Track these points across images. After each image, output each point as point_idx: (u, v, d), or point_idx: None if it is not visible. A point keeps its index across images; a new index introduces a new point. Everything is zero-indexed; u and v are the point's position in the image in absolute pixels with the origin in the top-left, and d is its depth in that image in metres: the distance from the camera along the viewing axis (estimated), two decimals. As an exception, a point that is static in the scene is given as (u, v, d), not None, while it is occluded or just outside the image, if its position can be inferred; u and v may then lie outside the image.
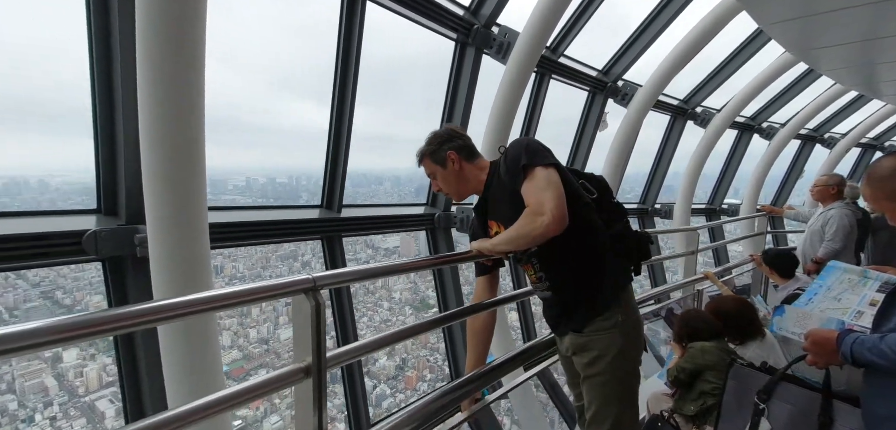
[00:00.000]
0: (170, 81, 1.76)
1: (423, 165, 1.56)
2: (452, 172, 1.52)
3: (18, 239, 2.00)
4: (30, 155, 3.35)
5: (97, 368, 3.73)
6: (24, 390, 3.43)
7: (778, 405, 1.57)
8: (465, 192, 1.57)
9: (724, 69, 6.18)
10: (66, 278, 3.70)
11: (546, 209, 1.29)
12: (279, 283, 1.27)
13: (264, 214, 3.37)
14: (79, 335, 0.90)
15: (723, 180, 8.41)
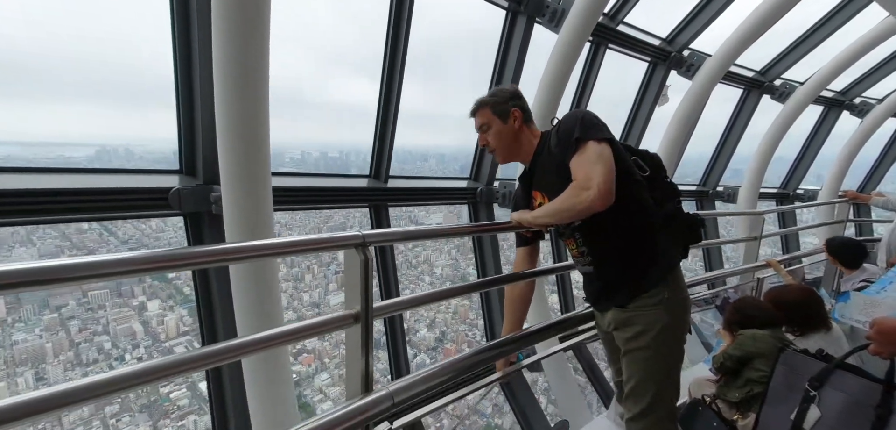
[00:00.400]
0: (240, 58, 1.95)
1: (479, 114, 1.50)
2: (510, 131, 1.48)
3: (117, 192, 2.35)
4: (120, 125, 3.84)
5: (175, 318, 4.25)
6: (116, 333, 3.96)
7: (831, 394, 1.49)
8: (514, 154, 1.52)
9: (810, 37, 5.47)
10: (149, 238, 4.23)
11: (593, 184, 1.25)
12: (333, 236, 1.42)
13: (318, 181, 3.61)
14: (171, 266, 1.10)
15: (800, 163, 7.57)
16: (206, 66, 2.33)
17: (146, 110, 3.89)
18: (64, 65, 3.27)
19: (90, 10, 3.00)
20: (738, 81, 5.90)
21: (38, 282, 0.86)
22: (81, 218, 2.63)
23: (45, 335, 3.75)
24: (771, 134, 6.22)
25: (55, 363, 3.74)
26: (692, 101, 5.08)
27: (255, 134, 2.10)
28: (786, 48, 5.71)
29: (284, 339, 1.33)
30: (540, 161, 1.50)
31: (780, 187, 7.85)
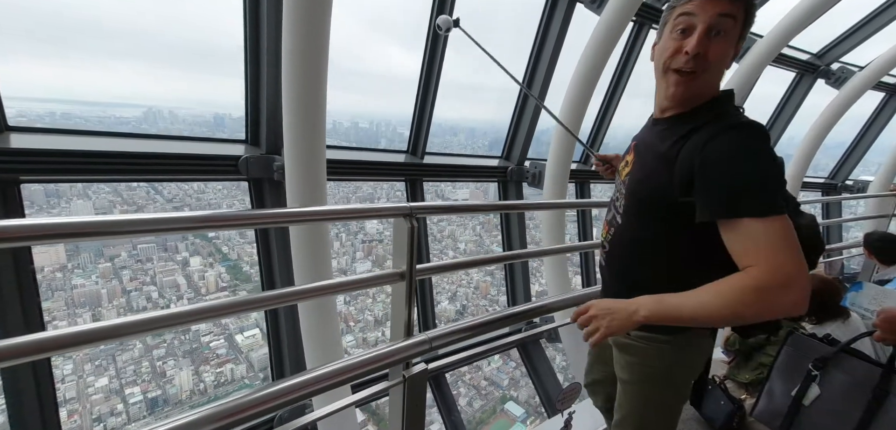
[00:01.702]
0: (306, 40, 2.22)
1: (731, 4, 0.91)
2: (730, 57, 0.96)
3: (193, 158, 2.74)
4: (166, 89, 4.12)
5: (215, 274, 4.60)
6: (163, 284, 4.33)
7: (834, 375, 1.62)
8: (703, 89, 0.97)
9: (875, 19, 5.11)
10: (191, 198, 4.53)
11: (792, 278, 0.81)
12: (385, 207, 1.71)
13: (362, 154, 3.92)
14: (246, 224, 1.40)
15: (853, 153, 7.14)
16: (273, 51, 2.63)
17: (197, 77, 4.17)
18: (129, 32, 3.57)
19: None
20: (790, 64, 5.62)
21: (140, 231, 1.11)
22: (163, 179, 3.04)
23: (101, 282, 4.07)
24: (822, 121, 5.93)
25: (109, 308, 4.06)
26: (738, 84, 4.94)
27: (315, 110, 2.40)
28: (846, 30, 5.36)
29: (340, 289, 1.63)
30: (668, 124, 1.02)
31: (829, 177, 7.46)
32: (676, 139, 0.96)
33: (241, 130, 3.04)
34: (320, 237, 2.53)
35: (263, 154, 2.88)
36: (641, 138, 1.13)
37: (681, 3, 0.96)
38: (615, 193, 1.20)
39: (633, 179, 1.09)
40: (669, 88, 0.99)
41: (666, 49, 0.99)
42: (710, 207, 0.88)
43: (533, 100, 4.33)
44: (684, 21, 0.95)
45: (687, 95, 0.99)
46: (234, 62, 2.91)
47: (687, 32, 0.95)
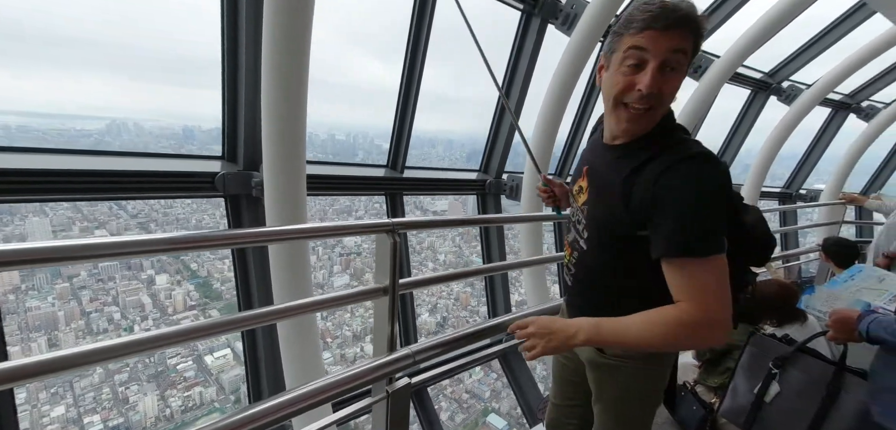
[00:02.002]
0: (287, 55, 2.23)
1: (683, 32, 0.89)
2: (678, 84, 0.95)
3: (170, 175, 2.67)
4: (130, 101, 3.99)
5: (183, 293, 4.41)
6: (126, 304, 4.13)
7: (792, 373, 1.71)
8: (654, 117, 0.97)
9: (819, 41, 5.57)
10: (157, 213, 4.36)
11: (717, 319, 0.88)
12: (368, 223, 1.72)
13: (342, 169, 3.91)
14: (225, 244, 1.39)
15: (805, 163, 7.68)
16: (251, 59, 2.62)
17: (164, 89, 4.05)
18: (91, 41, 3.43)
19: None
20: (745, 82, 6.03)
21: (106, 255, 1.03)
22: (133, 197, 2.94)
23: (58, 304, 3.85)
24: (775, 135, 6.36)
25: (67, 331, 3.83)
26: (698, 101, 5.25)
27: (296, 126, 2.40)
28: (794, 51, 5.81)
29: (322, 306, 1.62)
30: (617, 154, 1.02)
31: (784, 187, 7.97)
32: (628, 175, 0.96)
33: (211, 141, 2.99)
34: (300, 254, 2.50)
35: (241, 170, 2.84)
36: (593, 164, 1.11)
37: (630, 34, 0.92)
38: (575, 216, 1.18)
39: (593, 213, 1.08)
40: (621, 122, 0.98)
41: (617, 83, 0.95)
42: (659, 246, 0.92)
43: (509, 114, 4.46)
44: (635, 55, 0.91)
45: (640, 129, 0.98)
46: (205, 73, 2.87)
47: (639, 67, 0.92)
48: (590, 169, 1.11)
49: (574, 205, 1.19)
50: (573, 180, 1.22)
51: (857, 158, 7.42)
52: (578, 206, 1.15)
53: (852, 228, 6.56)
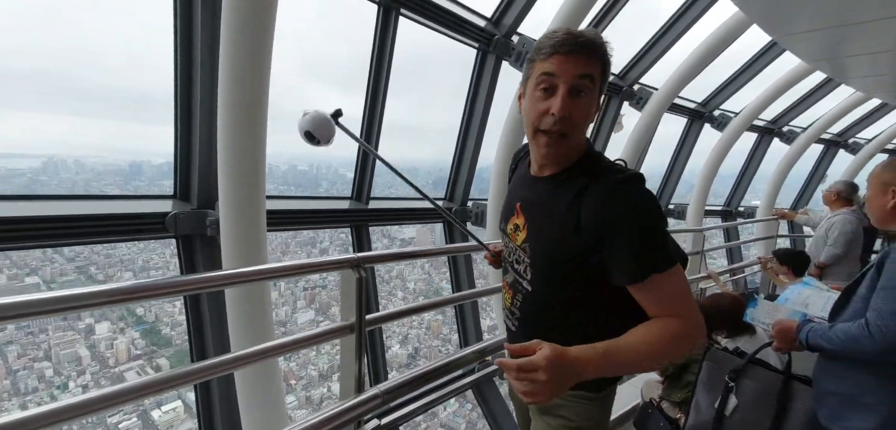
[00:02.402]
0: (243, 89, 2.18)
1: (590, 60, 0.93)
2: (594, 109, 0.98)
3: (115, 218, 2.48)
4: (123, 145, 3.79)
5: (126, 341, 4.04)
6: (60, 358, 3.74)
7: (746, 384, 1.78)
8: (574, 146, 0.99)
9: (743, 74, 6.25)
10: (99, 255, 4.04)
11: (699, 321, 0.93)
12: (332, 259, 1.68)
13: (304, 203, 3.80)
14: (177, 291, 1.31)
15: (741, 183, 8.42)
16: (206, 91, 2.54)
17: (107, 123, 3.85)
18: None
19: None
20: (682, 112, 6.61)
21: (30, 314, 0.93)
22: (75, 243, 2.71)
23: None
24: (712, 159, 6.97)
25: None
26: (643, 129, 5.68)
27: (254, 159, 2.32)
28: (721, 83, 6.47)
29: (283, 350, 1.54)
30: (551, 184, 1.02)
31: (725, 205, 8.67)
32: (571, 201, 0.95)
33: (162, 177, 2.83)
34: (259, 296, 2.38)
35: (195, 209, 2.70)
36: (526, 198, 1.08)
37: (540, 59, 0.95)
38: (513, 255, 1.12)
39: (536, 247, 1.03)
40: (541, 148, 0.98)
41: (532, 110, 0.97)
42: (628, 272, 0.91)
43: (471, 142, 4.59)
44: (546, 81, 0.94)
45: (561, 155, 0.99)
46: (155, 107, 2.74)
47: (550, 92, 0.94)
48: (524, 204, 1.08)
49: (510, 244, 1.13)
50: (504, 219, 1.16)
51: (783, 177, 8.25)
52: (517, 245, 1.09)
53: (787, 240, 7.21)
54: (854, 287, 1.48)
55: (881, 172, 1.51)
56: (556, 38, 0.92)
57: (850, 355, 1.35)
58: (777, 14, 2.66)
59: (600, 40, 0.94)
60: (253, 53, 2.17)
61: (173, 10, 2.52)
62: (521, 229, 1.07)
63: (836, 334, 1.38)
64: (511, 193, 1.17)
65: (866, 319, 1.31)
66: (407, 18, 3.60)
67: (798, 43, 3.28)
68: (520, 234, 1.08)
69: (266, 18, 2.13)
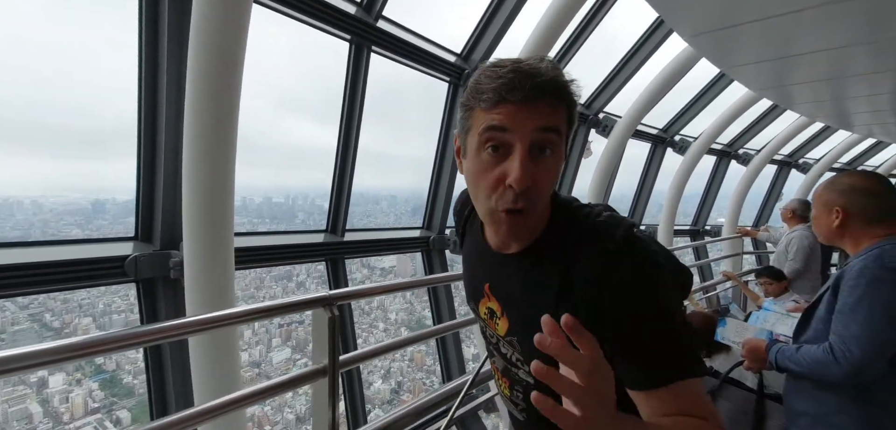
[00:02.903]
0: (212, 124, 2.14)
1: (550, 109, 0.66)
2: (562, 165, 0.73)
3: (69, 264, 2.33)
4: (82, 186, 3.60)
5: (83, 393, 3.74)
6: (7, 416, 3.44)
7: (721, 404, 1.80)
8: (535, 215, 0.73)
9: (699, 100, 6.66)
10: (56, 301, 3.76)
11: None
12: (303, 299, 1.61)
13: (275, 239, 3.71)
14: (135, 343, 1.23)
15: (705, 202, 8.84)
16: (172, 135, 2.48)
17: (63, 161, 3.68)
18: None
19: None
20: (646, 137, 6.96)
21: None
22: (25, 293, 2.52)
23: None
24: (676, 181, 7.31)
25: None
26: (610, 155, 5.93)
27: (222, 195, 2.26)
28: (680, 110, 6.87)
29: (250, 400, 1.44)
30: (522, 264, 0.77)
31: (692, 224, 9.04)
32: (558, 290, 0.72)
33: (127, 214, 2.69)
34: (226, 342, 2.26)
35: (157, 251, 2.58)
36: (495, 281, 0.83)
37: (482, 108, 0.67)
38: (496, 341, 0.89)
39: (529, 344, 0.78)
40: (500, 228, 0.73)
41: (480, 178, 0.70)
42: (648, 377, 0.67)
43: (447, 171, 4.65)
44: (495, 138, 0.66)
45: (527, 230, 0.75)
46: (116, 141, 2.64)
47: (501, 153, 0.67)
48: (493, 287, 0.84)
49: (489, 331, 0.90)
50: (472, 298, 0.92)
51: (743, 196, 8.72)
52: (501, 335, 0.85)
53: (752, 257, 7.56)
54: (813, 308, 1.50)
55: (823, 193, 1.53)
56: (501, 78, 0.64)
57: (817, 378, 1.35)
58: (723, 49, 2.88)
59: (563, 77, 0.67)
60: (222, 88, 2.15)
61: (138, 39, 2.48)
62: (500, 317, 0.84)
63: (804, 356, 1.38)
64: (472, 268, 0.91)
65: (830, 344, 1.31)
66: (378, 55, 3.68)
67: (744, 74, 3.54)
68: (499, 322, 0.84)
69: (235, 50, 2.13)
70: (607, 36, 5.49)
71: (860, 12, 2.06)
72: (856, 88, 3.59)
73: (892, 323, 1.23)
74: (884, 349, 1.24)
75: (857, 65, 2.97)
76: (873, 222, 1.39)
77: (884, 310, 1.23)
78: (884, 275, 1.26)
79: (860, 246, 1.40)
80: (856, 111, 4.66)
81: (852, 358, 1.24)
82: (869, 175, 1.48)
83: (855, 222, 1.42)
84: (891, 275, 1.25)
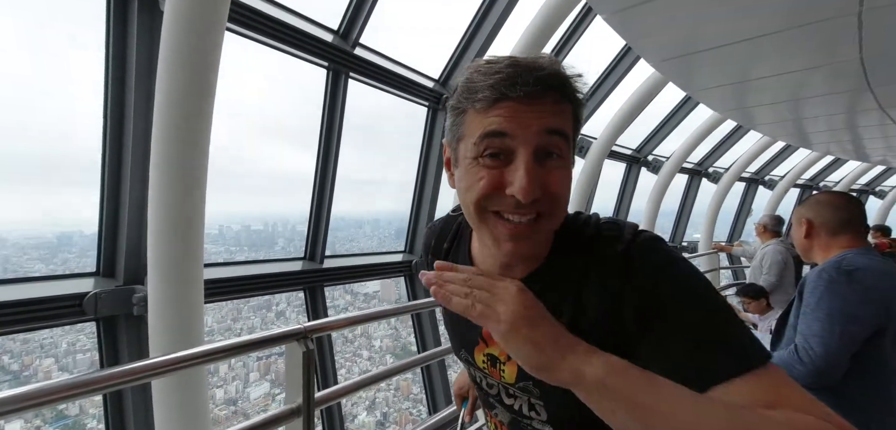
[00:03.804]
0: (180, 153, 2.06)
1: (555, 107, 0.58)
2: (570, 173, 0.62)
3: (25, 304, 2.16)
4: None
5: None
6: None
7: None
8: (548, 229, 0.63)
9: (669, 120, 6.94)
10: (15, 342, 3.56)
11: None
12: (274, 334, 1.52)
13: (249, 268, 3.57)
14: (92, 390, 1.13)
15: (680, 221, 9.10)
16: (139, 164, 2.37)
17: (24, 194, 3.53)
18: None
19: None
20: (621, 158, 7.17)
21: None
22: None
23: None
24: (651, 200, 7.53)
25: None
26: (588, 175, 6.06)
27: (191, 225, 2.16)
28: (651, 130, 7.14)
29: None
30: (538, 292, 0.58)
31: (671, 241, 9.27)
32: (573, 313, 0.62)
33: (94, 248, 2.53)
34: (193, 382, 2.12)
35: (120, 286, 2.42)
36: None
37: (477, 109, 0.58)
38: (497, 391, 0.76)
39: (546, 389, 0.67)
40: (504, 244, 0.61)
41: (474, 187, 0.60)
42: (719, 367, 0.52)
43: (428, 194, 4.64)
44: (493, 144, 0.58)
45: (539, 245, 0.65)
46: (80, 171, 2.51)
47: (503, 160, 0.58)
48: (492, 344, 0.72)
49: (489, 379, 0.76)
50: (459, 344, 0.80)
51: (715, 213, 9.03)
52: (509, 383, 0.71)
53: (728, 272, 7.77)
54: (785, 317, 1.56)
55: (796, 209, 1.64)
56: (499, 73, 0.56)
57: None
58: (687, 74, 3.01)
59: (563, 71, 0.59)
60: (192, 116, 2.08)
61: (105, 65, 2.40)
62: (505, 362, 0.71)
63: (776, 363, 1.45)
64: (454, 326, 0.79)
65: (795, 344, 1.38)
66: (356, 81, 3.69)
67: (709, 97, 3.71)
68: (506, 369, 0.71)
69: (207, 78, 2.07)
70: (581, 59, 5.70)
71: (813, 38, 2.19)
72: (812, 108, 3.81)
73: (851, 319, 1.29)
74: (844, 344, 1.29)
75: (812, 87, 3.16)
76: (836, 234, 1.49)
77: (841, 306, 1.30)
78: (840, 277, 1.34)
79: (828, 256, 1.49)
80: (813, 131, 4.93)
81: (814, 356, 1.29)
82: (835, 193, 1.60)
83: (820, 233, 1.52)
84: (846, 276, 1.33)
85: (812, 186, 11.40)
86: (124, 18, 2.34)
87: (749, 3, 1.88)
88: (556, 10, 3.78)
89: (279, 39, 3.02)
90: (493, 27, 4.03)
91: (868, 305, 1.30)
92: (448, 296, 0.56)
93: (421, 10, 4.82)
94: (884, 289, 1.32)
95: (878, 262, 1.39)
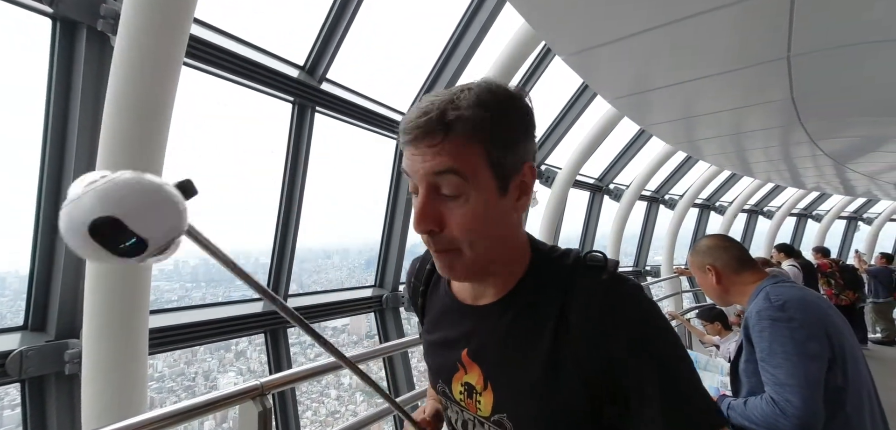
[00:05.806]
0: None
1: (433, 145, 0.58)
2: (507, 210, 0.63)
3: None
4: None
5: None
6: None
7: None
8: (497, 256, 0.65)
9: (628, 151, 7.32)
10: None
11: None
12: (225, 394, 1.36)
13: (203, 312, 3.33)
14: None
15: (642, 245, 9.49)
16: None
17: None
18: None
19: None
20: (584, 186, 7.46)
21: None
22: None
23: None
24: (614, 226, 7.83)
25: None
26: (554, 203, 6.25)
27: (137, 273, 1.97)
28: (611, 160, 7.50)
29: None
30: (504, 314, 0.67)
31: (634, 265, 9.61)
32: (550, 344, 0.61)
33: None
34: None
35: (51, 341, 2.17)
36: (474, 343, 0.70)
37: (401, 142, 0.63)
38: (470, 423, 0.74)
39: (523, 420, 0.66)
40: (443, 269, 0.65)
41: None
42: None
43: (398, 226, 4.58)
44: (410, 183, 0.62)
45: (476, 272, 0.65)
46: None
47: (417, 194, 0.62)
48: (472, 351, 0.71)
49: (466, 414, 0.74)
50: (441, 379, 0.77)
51: (674, 238, 9.51)
52: (484, 416, 0.70)
53: (690, 295, 8.10)
54: (736, 363, 1.52)
55: (692, 260, 1.58)
56: (406, 118, 0.60)
57: None
58: (640, 110, 3.21)
59: (449, 112, 0.57)
60: (142, 152, 1.95)
61: (47, 94, 2.24)
62: (481, 392, 0.69)
63: (752, 412, 1.38)
64: (441, 337, 0.77)
65: (771, 397, 1.31)
66: (323, 115, 3.65)
67: (660, 130, 3.96)
68: (481, 400, 0.69)
69: (160, 111, 1.96)
70: (544, 91, 5.96)
71: (749, 80, 2.40)
72: (751, 141, 4.14)
73: (809, 356, 1.28)
74: (812, 385, 1.27)
75: (750, 123, 3.44)
76: (738, 271, 1.49)
77: (795, 347, 1.28)
78: (778, 315, 1.31)
79: (746, 294, 1.46)
80: (755, 161, 5.36)
81: (795, 407, 1.25)
82: (713, 235, 1.60)
83: (726, 273, 1.50)
84: (782, 313, 1.31)
85: (758, 212, 12.28)
86: (70, 56, 2.20)
87: (691, 49, 2.03)
88: (520, 47, 3.96)
89: (243, 75, 2.95)
90: (459, 65, 4.14)
91: (812, 340, 1.28)
92: None
93: (390, 46, 4.91)
94: (819, 316, 1.32)
95: (797, 290, 1.38)
